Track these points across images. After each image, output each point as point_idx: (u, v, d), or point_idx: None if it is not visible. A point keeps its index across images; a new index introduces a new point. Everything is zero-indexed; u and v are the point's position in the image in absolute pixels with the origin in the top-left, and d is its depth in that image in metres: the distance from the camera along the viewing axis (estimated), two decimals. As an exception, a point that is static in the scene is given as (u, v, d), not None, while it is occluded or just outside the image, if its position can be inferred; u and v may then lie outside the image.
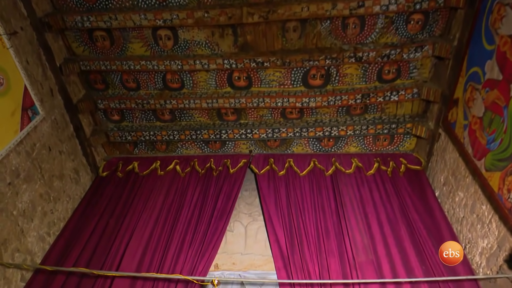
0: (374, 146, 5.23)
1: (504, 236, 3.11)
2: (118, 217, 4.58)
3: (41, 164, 4.29)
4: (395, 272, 3.70)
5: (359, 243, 3.99)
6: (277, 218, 4.38)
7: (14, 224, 3.87)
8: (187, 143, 5.49)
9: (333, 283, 3.62)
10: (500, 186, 3.03)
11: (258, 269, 4.08)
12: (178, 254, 4.08)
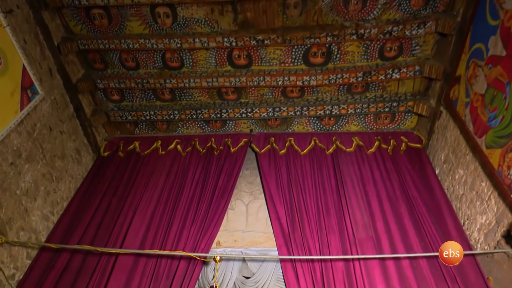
0: (375, 125, 5.22)
1: (502, 212, 3.15)
2: (120, 196, 4.62)
3: (43, 144, 4.30)
4: (394, 248, 3.76)
5: (359, 220, 4.04)
6: (278, 196, 4.42)
7: (18, 203, 3.91)
8: (188, 123, 5.48)
9: (333, 259, 3.68)
10: (500, 163, 3.04)
11: (259, 246, 4.15)
12: (180, 231, 4.14)
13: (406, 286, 3.48)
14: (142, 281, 3.76)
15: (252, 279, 3.93)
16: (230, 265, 4.05)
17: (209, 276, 3.97)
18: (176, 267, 3.83)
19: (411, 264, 3.64)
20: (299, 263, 3.75)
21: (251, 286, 3.90)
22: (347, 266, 3.68)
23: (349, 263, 3.68)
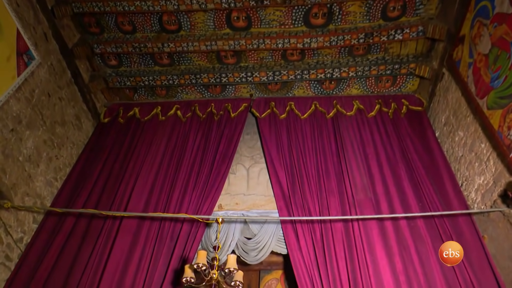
0: (376, 88, 5.17)
1: (500, 172, 3.18)
2: (122, 162, 4.66)
3: (42, 110, 4.29)
4: (393, 209, 3.83)
5: (359, 182, 4.09)
6: (279, 160, 4.45)
7: (21, 169, 3.96)
8: (187, 88, 5.43)
9: (332, 219, 3.77)
10: (501, 123, 3.04)
11: (260, 209, 4.23)
12: (183, 195, 4.21)
13: (404, 245, 3.58)
14: (147, 243, 3.86)
15: (254, 240, 4.04)
16: (232, 227, 4.14)
17: (211, 238, 4.08)
18: (180, 229, 3.93)
19: (409, 224, 3.73)
20: (299, 224, 3.84)
21: (252, 246, 4.01)
22: (346, 226, 3.77)
23: (348, 224, 3.77)
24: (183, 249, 3.79)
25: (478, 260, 3.31)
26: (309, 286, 3.44)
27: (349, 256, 3.55)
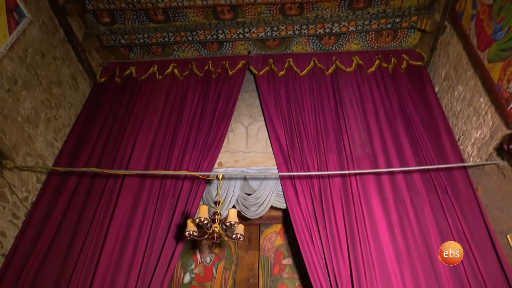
0: (376, 43, 5.06)
1: (497, 125, 3.21)
2: (121, 121, 4.66)
3: (37, 70, 4.23)
4: (390, 164, 3.90)
5: (357, 138, 4.12)
6: (277, 117, 4.46)
7: (20, 130, 3.97)
8: (184, 46, 5.31)
9: (331, 174, 3.84)
10: (501, 76, 3.02)
11: (259, 166, 4.30)
12: (183, 153, 4.26)
13: (399, 198, 3.68)
14: (149, 200, 3.96)
15: (254, 196, 4.14)
16: (232, 183, 4.22)
17: (212, 194, 4.17)
18: (181, 186, 4.01)
19: (405, 178, 3.81)
20: (298, 180, 3.92)
21: (252, 202, 4.12)
22: (344, 181, 3.85)
23: (345, 179, 3.85)
24: (185, 205, 3.89)
25: (470, 211, 3.42)
26: (308, 238, 3.57)
27: (346, 209, 3.65)
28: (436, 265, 3.20)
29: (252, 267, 4.74)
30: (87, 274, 3.44)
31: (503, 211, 3.14)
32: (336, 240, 3.48)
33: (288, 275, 4.64)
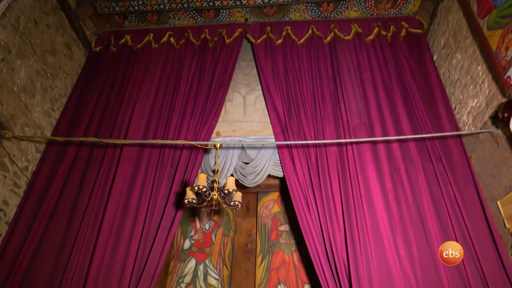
0: (375, 10, 4.97)
1: (494, 94, 3.22)
2: (118, 91, 4.64)
3: (31, 39, 4.16)
4: (386, 133, 3.93)
5: (354, 108, 4.13)
6: (275, 86, 4.44)
7: (17, 100, 3.96)
8: (179, 13, 5.20)
9: (327, 143, 3.88)
10: (499, 44, 3.01)
11: (257, 135, 4.32)
12: (180, 123, 4.27)
13: (394, 166, 3.74)
14: (148, 169, 4.01)
15: (251, 164, 4.20)
16: (230, 152, 4.27)
17: (210, 163, 4.23)
18: (179, 156, 4.06)
19: (400, 147, 3.86)
20: (295, 148, 3.97)
21: (250, 170, 4.19)
22: (340, 150, 3.90)
23: (342, 148, 3.89)
24: (183, 174, 3.95)
25: (463, 179, 3.49)
26: (304, 205, 3.66)
27: (342, 177, 3.72)
28: (428, 231, 3.31)
29: (250, 233, 4.88)
30: (89, 241, 3.54)
31: (494, 178, 3.21)
32: (331, 207, 3.57)
33: (285, 241, 4.79)
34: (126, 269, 3.39)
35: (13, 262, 3.51)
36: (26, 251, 3.55)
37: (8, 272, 3.45)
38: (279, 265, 4.59)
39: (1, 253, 3.58)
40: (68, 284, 3.30)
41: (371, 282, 3.10)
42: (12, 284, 3.37)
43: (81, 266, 3.40)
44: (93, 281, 3.32)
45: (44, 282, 3.43)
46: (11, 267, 3.48)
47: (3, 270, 3.47)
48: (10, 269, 3.47)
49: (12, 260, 3.52)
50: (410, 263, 3.17)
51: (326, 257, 3.40)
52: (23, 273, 3.44)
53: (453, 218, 3.31)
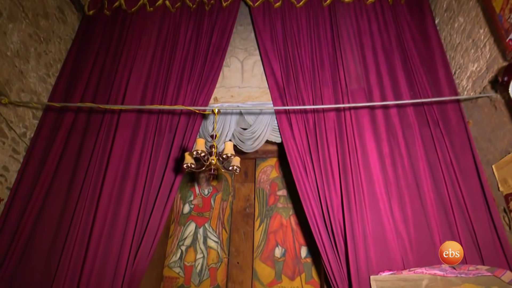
0: (377, -29, 4.79)
1: (495, 58, 3.19)
2: (113, 56, 4.57)
3: (22, 1, 4.03)
4: (384, 98, 3.91)
5: (353, 72, 4.09)
6: (273, 51, 4.37)
7: (11, 65, 3.89)
8: (175, -26, 5.02)
9: (325, 108, 3.87)
10: (503, 6, 2.94)
11: (255, 100, 4.30)
12: (178, 89, 4.23)
13: (392, 131, 3.76)
14: (146, 135, 4.02)
15: (249, 130, 4.20)
16: (228, 118, 4.26)
17: (209, 129, 4.22)
18: (177, 122, 4.05)
19: (399, 112, 3.86)
20: (293, 114, 3.96)
21: (248, 136, 4.19)
22: (338, 115, 3.90)
23: (340, 113, 3.89)
24: (182, 139, 3.96)
25: (460, 143, 3.52)
26: (302, 170, 3.70)
27: (339, 142, 3.74)
28: (423, 194, 3.37)
29: (248, 198, 4.97)
30: (90, 205, 3.60)
31: (491, 142, 3.24)
32: (329, 172, 3.61)
33: (283, 205, 4.89)
34: (127, 232, 3.47)
35: (16, 226, 3.58)
36: (29, 215, 3.61)
37: (13, 235, 3.53)
38: (277, 228, 4.72)
39: (5, 217, 3.65)
40: (71, 245, 3.39)
41: (366, 242, 3.20)
42: (17, 246, 3.46)
43: (83, 229, 3.48)
44: (95, 243, 3.41)
45: (48, 244, 3.52)
46: (15, 231, 3.56)
47: (7, 234, 3.55)
48: (14, 232, 3.55)
49: (15, 224, 3.60)
50: (404, 224, 3.26)
51: (323, 219, 3.48)
52: (27, 236, 3.53)
53: (448, 182, 3.37)
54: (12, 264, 3.39)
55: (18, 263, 3.42)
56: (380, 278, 3.03)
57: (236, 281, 4.46)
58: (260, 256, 4.57)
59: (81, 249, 3.40)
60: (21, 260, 3.44)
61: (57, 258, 3.41)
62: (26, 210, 3.64)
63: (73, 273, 3.29)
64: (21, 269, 3.41)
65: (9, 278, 3.35)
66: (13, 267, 3.39)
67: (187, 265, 4.67)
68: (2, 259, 3.41)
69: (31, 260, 3.44)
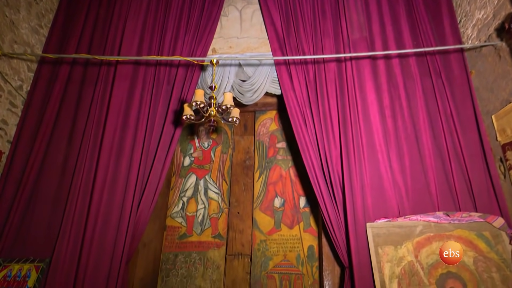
0: None
1: (503, 3, 3.07)
2: (107, 6, 4.41)
3: None
4: (387, 48, 3.82)
5: (355, 21, 3.96)
6: (273, 0, 4.20)
7: (1, 14, 3.76)
8: None
9: (326, 59, 3.80)
10: None
11: (254, 51, 4.20)
12: (175, 40, 4.12)
13: (393, 82, 3.71)
14: (144, 88, 3.97)
15: (249, 82, 4.13)
16: (226, 70, 4.18)
17: (207, 81, 4.16)
18: (175, 73, 3.99)
19: (401, 62, 3.78)
20: (293, 65, 3.89)
21: (247, 88, 4.13)
22: (339, 66, 3.83)
23: (341, 64, 3.82)
24: (180, 92, 3.92)
25: (461, 94, 3.49)
26: (301, 122, 3.69)
27: (340, 94, 3.71)
28: (421, 144, 3.40)
29: (248, 150, 5.01)
30: (92, 156, 3.64)
31: (492, 92, 3.21)
32: (328, 123, 3.61)
33: (282, 157, 4.94)
34: (130, 182, 3.54)
35: (20, 176, 3.65)
36: (32, 166, 3.67)
37: (17, 185, 3.61)
38: (276, 180, 4.81)
39: (8, 169, 3.70)
40: (75, 194, 3.48)
41: (363, 192, 3.28)
42: (23, 195, 3.54)
43: (86, 179, 3.55)
44: (99, 192, 3.48)
45: (52, 193, 3.61)
46: (19, 181, 3.63)
47: (12, 184, 3.63)
48: (19, 182, 3.63)
49: (19, 174, 3.66)
50: (401, 174, 3.32)
51: (322, 171, 3.53)
52: (31, 186, 3.61)
53: (446, 132, 3.38)
54: (20, 210, 3.51)
55: (25, 209, 3.54)
56: (376, 225, 3.15)
57: (236, 229, 4.62)
58: (259, 206, 4.70)
59: (85, 197, 3.49)
60: (28, 207, 3.56)
61: (62, 205, 3.52)
62: (29, 162, 3.69)
63: (80, 219, 3.41)
64: (29, 215, 3.53)
65: (18, 223, 3.48)
66: (21, 213, 3.51)
67: (189, 215, 4.81)
68: (10, 206, 3.53)
69: (37, 207, 3.56)
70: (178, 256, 4.62)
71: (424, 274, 2.92)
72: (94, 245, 3.30)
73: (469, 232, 2.99)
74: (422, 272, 2.93)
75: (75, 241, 3.33)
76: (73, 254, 3.29)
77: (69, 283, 3.19)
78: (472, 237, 2.97)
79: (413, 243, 3.03)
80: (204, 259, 4.56)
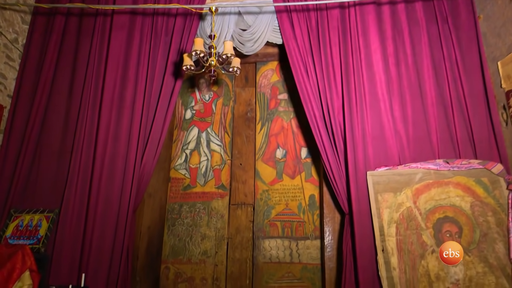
0: None
1: None
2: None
3: None
4: (392, -8, 3.67)
5: (360, -36, 3.76)
6: None
7: (-11, -39, 3.59)
8: None
9: (329, 4, 3.67)
10: None
11: (255, -1, 4.04)
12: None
13: (398, 29, 3.60)
14: (142, 39, 3.88)
15: (249, 31, 4.01)
16: (226, 19, 4.03)
17: (206, 31, 4.03)
18: (173, 23, 3.88)
19: (406, 7, 3.66)
20: (295, 13, 3.75)
21: (248, 37, 4.02)
22: (343, 13, 3.70)
23: (344, 11, 3.69)
24: (179, 42, 3.83)
25: (467, 40, 3.41)
26: (303, 72, 3.62)
27: (343, 42, 3.61)
28: (424, 93, 3.37)
29: (249, 102, 4.98)
30: (93, 109, 3.66)
31: (500, 37, 3.12)
32: (330, 72, 3.55)
33: (284, 109, 4.92)
34: (132, 134, 3.57)
35: (23, 132, 3.68)
36: (34, 121, 3.70)
37: (21, 141, 3.66)
38: (278, 131, 4.82)
39: (11, 123, 3.73)
40: (79, 148, 3.53)
41: (364, 142, 3.30)
42: (26, 152, 3.60)
43: (89, 133, 3.58)
44: (102, 146, 3.53)
45: (56, 148, 3.67)
46: (22, 137, 3.67)
47: (15, 140, 3.67)
48: (22, 136, 3.67)
49: (22, 128, 3.70)
50: (403, 123, 3.32)
51: (324, 121, 3.53)
52: (35, 139, 3.67)
53: (450, 80, 3.34)
54: (26, 163, 3.60)
55: (31, 162, 3.63)
56: (376, 173, 3.21)
57: (239, 180, 4.71)
58: (262, 157, 4.75)
59: (89, 149, 3.56)
60: (33, 160, 3.64)
61: (67, 157, 3.59)
62: (31, 116, 3.72)
63: (85, 170, 3.49)
64: (35, 167, 3.62)
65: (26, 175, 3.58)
66: (27, 166, 3.60)
67: (192, 167, 4.89)
68: (16, 159, 3.61)
69: (43, 160, 3.65)
70: (183, 206, 4.76)
71: (421, 219, 3.02)
72: (101, 195, 3.40)
73: (468, 178, 3.05)
74: (420, 217, 3.03)
75: (82, 191, 3.43)
76: (81, 204, 3.41)
77: (79, 231, 3.33)
78: (471, 184, 3.04)
79: (412, 190, 3.11)
80: (208, 209, 4.70)
